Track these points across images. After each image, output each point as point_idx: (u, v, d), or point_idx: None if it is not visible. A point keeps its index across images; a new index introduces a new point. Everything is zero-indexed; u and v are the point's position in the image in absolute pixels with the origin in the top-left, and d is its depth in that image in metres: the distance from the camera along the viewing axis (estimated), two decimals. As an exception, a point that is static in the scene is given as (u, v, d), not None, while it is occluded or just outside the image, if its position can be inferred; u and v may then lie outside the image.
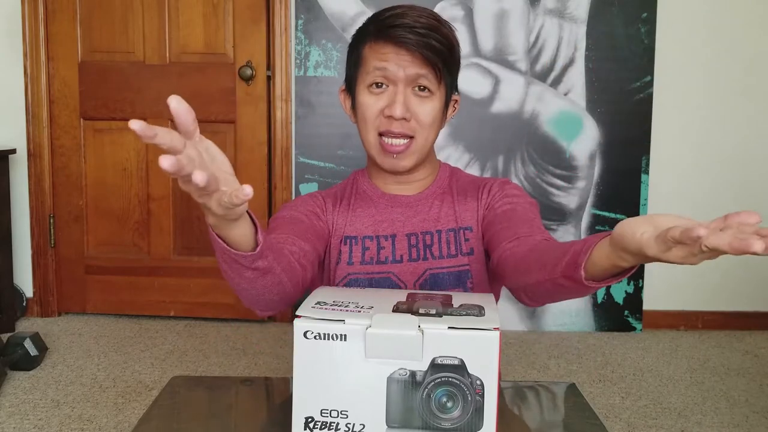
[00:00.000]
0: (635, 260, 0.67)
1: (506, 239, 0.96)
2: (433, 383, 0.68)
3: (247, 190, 0.62)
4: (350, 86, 1.08)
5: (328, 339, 0.69)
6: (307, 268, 0.92)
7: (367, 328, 0.68)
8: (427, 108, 1.02)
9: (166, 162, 0.60)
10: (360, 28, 1.06)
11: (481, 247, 1.07)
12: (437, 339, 0.68)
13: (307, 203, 1.09)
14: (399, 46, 0.99)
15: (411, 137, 1.02)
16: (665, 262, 0.62)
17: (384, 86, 1.02)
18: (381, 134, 1.03)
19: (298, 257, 0.91)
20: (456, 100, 1.11)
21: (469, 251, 1.06)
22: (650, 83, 2.61)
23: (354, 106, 1.07)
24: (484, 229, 1.06)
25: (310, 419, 0.70)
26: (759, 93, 2.71)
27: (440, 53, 0.99)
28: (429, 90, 1.01)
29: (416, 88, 1.01)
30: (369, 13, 1.05)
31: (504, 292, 1.13)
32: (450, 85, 1.06)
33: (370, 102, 1.02)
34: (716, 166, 2.73)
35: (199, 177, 0.60)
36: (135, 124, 0.60)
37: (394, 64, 0.99)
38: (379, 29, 1.01)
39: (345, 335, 0.69)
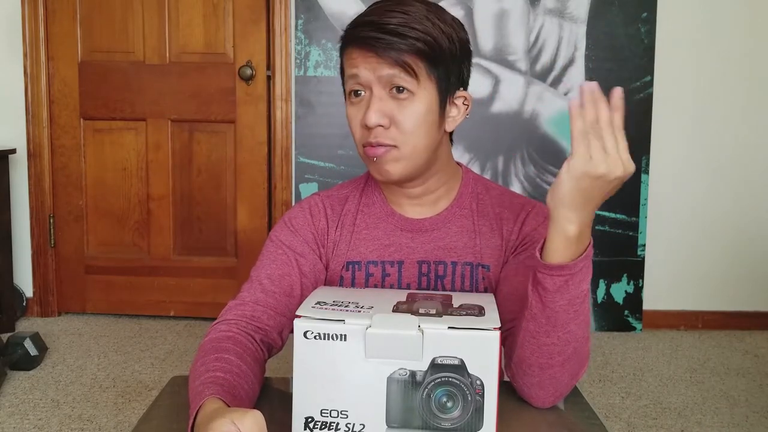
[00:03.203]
0: (573, 209, 0.76)
1: (518, 318, 0.87)
2: (433, 383, 0.68)
3: None
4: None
5: (328, 339, 0.69)
6: (279, 342, 0.94)
7: (367, 328, 0.68)
8: (408, 111, 0.89)
9: None
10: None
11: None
12: (437, 339, 0.68)
13: (305, 236, 0.98)
14: (366, 49, 0.88)
15: (392, 147, 0.90)
16: (593, 174, 0.73)
17: (362, 94, 0.91)
18: (364, 146, 0.92)
19: (266, 335, 0.91)
20: (464, 97, 0.97)
21: (484, 291, 0.96)
22: (650, 83, 2.61)
23: None
24: (502, 277, 0.96)
25: (310, 419, 0.70)
26: (759, 93, 2.71)
27: (412, 48, 0.87)
28: (408, 90, 0.88)
29: (393, 90, 0.89)
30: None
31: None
32: (443, 81, 0.91)
33: (352, 113, 0.93)
34: (716, 166, 2.73)
35: None
36: None
37: (363, 68, 0.89)
38: (349, 33, 0.91)
39: (345, 335, 0.69)
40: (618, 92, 0.73)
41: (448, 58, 0.91)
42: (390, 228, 0.99)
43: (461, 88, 0.96)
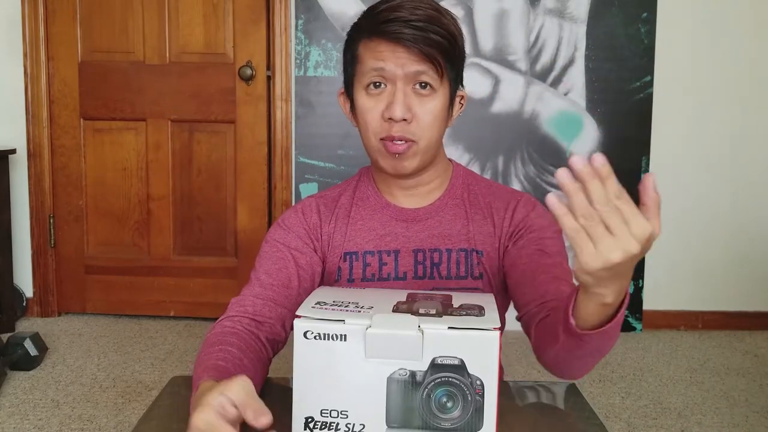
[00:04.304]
0: (605, 288, 0.67)
1: (534, 301, 0.91)
2: (433, 383, 0.68)
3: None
4: (348, 87, 1.00)
5: (328, 339, 0.69)
6: (283, 335, 0.95)
7: (367, 328, 0.68)
8: (428, 107, 0.94)
9: None
10: (354, 24, 0.98)
11: (493, 271, 1.00)
12: (437, 339, 0.68)
13: (298, 232, 1.01)
14: (395, 43, 0.91)
15: (412, 141, 0.94)
16: (608, 265, 0.61)
17: (382, 86, 0.94)
18: (382, 139, 0.95)
19: (271, 330, 0.92)
20: (462, 96, 1.02)
21: (479, 275, 0.99)
22: (650, 83, 2.61)
23: (353, 109, 0.99)
24: (508, 266, 0.99)
25: (310, 419, 0.70)
26: (758, 92, 2.71)
27: (440, 46, 0.91)
28: (431, 87, 0.93)
29: (417, 86, 0.93)
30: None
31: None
32: (454, 80, 0.97)
33: (370, 105, 0.95)
34: (716, 165, 2.73)
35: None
36: None
37: (391, 62, 0.92)
38: (373, 25, 0.93)
39: (345, 335, 0.69)
40: (599, 159, 0.60)
41: (460, 57, 0.97)
42: (385, 218, 1.02)
43: (461, 86, 1.01)
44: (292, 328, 0.74)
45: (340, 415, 0.70)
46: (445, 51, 0.92)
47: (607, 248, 0.61)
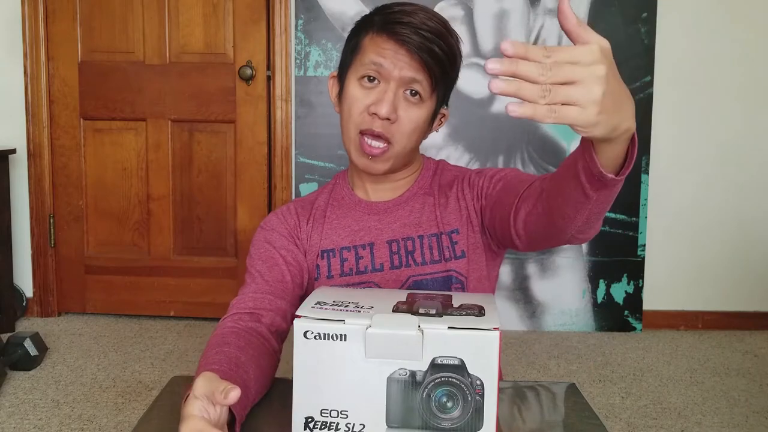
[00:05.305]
0: (619, 109, 0.65)
1: (522, 188, 0.90)
2: (433, 383, 0.68)
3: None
4: (342, 73, 1.03)
5: (328, 339, 0.69)
6: (284, 325, 0.97)
7: (367, 328, 0.68)
8: (413, 114, 0.97)
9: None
10: (365, 16, 1.01)
11: (475, 243, 1.02)
12: (437, 339, 0.68)
13: (281, 232, 1.04)
14: (400, 45, 0.94)
15: (388, 142, 0.98)
16: (597, 103, 0.59)
17: (376, 81, 0.97)
18: (362, 132, 0.98)
19: (272, 321, 0.94)
20: (444, 114, 1.06)
21: (461, 254, 1.01)
22: (650, 83, 2.61)
23: (341, 94, 1.02)
24: (486, 217, 1.01)
25: (310, 419, 0.70)
26: (758, 93, 2.71)
27: (440, 61, 0.95)
28: (420, 96, 0.97)
29: (407, 92, 0.97)
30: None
31: (502, 292, 1.12)
32: (442, 97, 1.02)
33: (359, 95, 0.98)
34: (716, 165, 2.73)
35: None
36: None
37: (391, 62, 0.95)
38: (384, 22, 0.96)
39: (345, 335, 0.69)
40: (505, 45, 0.55)
41: (454, 78, 1.02)
42: (358, 214, 1.06)
43: (445, 105, 1.05)
44: (293, 319, 0.75)
45: (340, 415, 0.70)
46: (443, 67, 0.96)
47: (583, 96, 0.58)
